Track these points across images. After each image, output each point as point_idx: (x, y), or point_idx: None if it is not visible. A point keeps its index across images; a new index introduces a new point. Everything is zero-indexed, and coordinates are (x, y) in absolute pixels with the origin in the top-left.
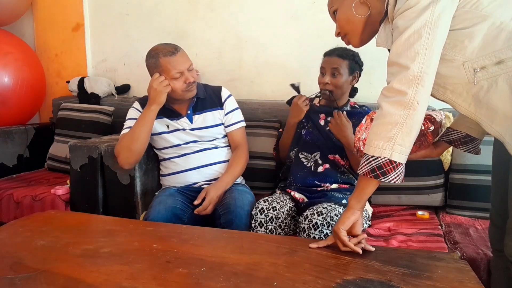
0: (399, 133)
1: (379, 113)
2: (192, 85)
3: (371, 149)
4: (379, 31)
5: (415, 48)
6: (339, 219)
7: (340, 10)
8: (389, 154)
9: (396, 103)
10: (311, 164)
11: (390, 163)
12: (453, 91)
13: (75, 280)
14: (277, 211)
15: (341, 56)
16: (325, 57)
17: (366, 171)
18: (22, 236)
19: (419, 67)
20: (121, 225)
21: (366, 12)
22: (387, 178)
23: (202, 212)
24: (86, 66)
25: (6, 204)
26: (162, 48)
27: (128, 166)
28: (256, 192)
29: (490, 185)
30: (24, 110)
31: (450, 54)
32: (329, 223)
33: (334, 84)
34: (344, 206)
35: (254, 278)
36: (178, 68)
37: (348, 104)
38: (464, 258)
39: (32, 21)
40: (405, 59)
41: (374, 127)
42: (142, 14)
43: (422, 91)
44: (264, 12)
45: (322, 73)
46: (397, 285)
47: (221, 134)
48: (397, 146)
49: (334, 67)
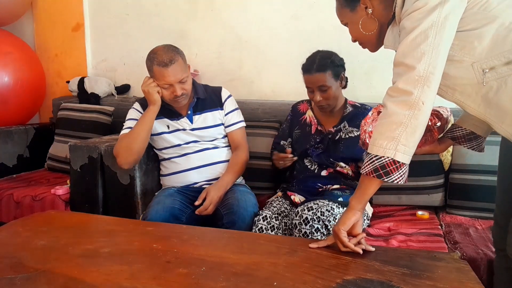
0: (403, 133)
1: (384, 113)
2: (180, 97)
3: (375, 148)
4: (386, 33)
5: (422, 49)
6: (340, 220)
7: (350, 26)
8: (392, 154)
9: (401, 103)
10: (315, 167)
11: (394, 163)
12: (462, 92)
13: (75, 280)
14: (279, 221)
15: (321, 69)
16: (306, 75)
17: (369, 171)
18: (22, 236)
19: (425, 67)
20: (121, 225)
21: (375, 27)
22: (390, 178)
23: (203, 212)
24: (86, 66)
25: (6, 204)
26: (160, 54)
27: (127, 166)
28: (256, 192)
29: (490, 185)
30: (24, 110)
31: (459, 55)
32: (319, 218)
33: (326, 99)
34: (339, 203)
35: (254, 278)
36: (167, 81)
37: (347, 104)
38: (464, 258)
39: (32, 21)
40: (411, 59)
41: (378, 126)
42: (142, 14)
43: (427, 91)
44: (264, 12)
45: (310, 91)
46: (397, 285)
47: (221, 134)
48: (401, 146)
49: (319, 85)
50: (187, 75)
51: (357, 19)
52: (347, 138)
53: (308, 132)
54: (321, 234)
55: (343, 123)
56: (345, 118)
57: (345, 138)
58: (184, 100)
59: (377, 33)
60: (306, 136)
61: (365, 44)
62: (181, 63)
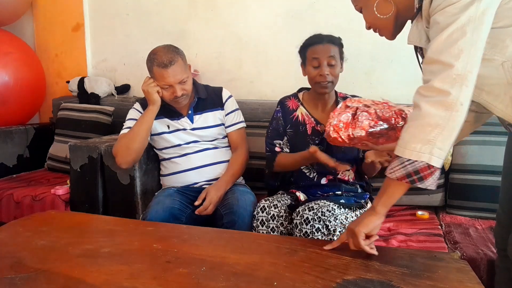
0: (439, 136)
1: (417, 114)
2: (180, 98)
3: (407, 152)
4: (411, 28)
5: (459, 45)
6: (362, 221)
7: (365, 10)
8: (427, 158)
9: (437, 103)
10: (314, 175)
11: (428, 168)
12: (489, 92)
13: (75, 280)
14: (278, 209)
15: (332, 42)
16: (314, 46)
17: (401, 176)
18: (22, 236)
19: (464, 65)
20: (121, 225)
21: (390, 10)
22: (424, 184)
23: (203, 212)
24: (86, 66)
25: (6, 204)
26: (160, 55)
27: (126, 165)
28: (256, 192)
29: (490, 185)
30: (24, 110)
31: (489, 54)
32: (320, 218)
33: (333, 75)
34: (341, 205)
35: (254, 278)
36: (167, 82)
37: (338, 98)
38: (464, 258)
39: (32, 21)
40: (448, 56)
41: (410, 128)
42: (142, 14)
43: (466, 91)
44: (264, 12)
45: (314, 66)
46: (397, 285)
47: (222, 135)
48: (437, 150)
49: (331, 56)
50: (188, 75)
51: (372, 1)
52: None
53: (303, 133)
54: (321, 234)
55: None
56: None
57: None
58: (184, 101)
59: (393, 17)
60: (302, 137)
61: (382, 31)
62: (181, 63)
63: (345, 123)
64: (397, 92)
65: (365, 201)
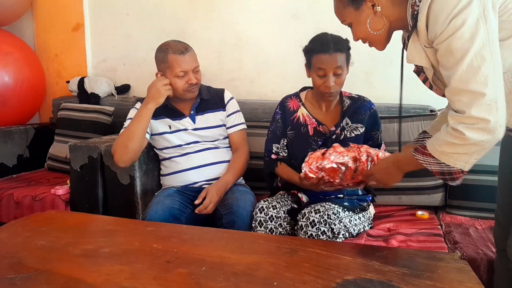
0: (478, 152)
1: (459, 137)
2: (193, 87)
3: (444, 157)
4: (408, 48)
5: (483, 72)
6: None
7: (356, 26)
8: (463, 165)
9: (481, 130)
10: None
11: (462, 172)
12: None
13: (75, 280)
14: (277, 210)
15: (339, 50)
16: (320, 55)
17: (436, 171)
18: (22, 236)
19: (494, 90)
20: (121, 225)
21: (383, 25)
22: (454, 182)
23: (202, 211)
24: (86, 66)
25: (6, 204)
26: (173, 45)
27: (123, 164)
28: (256, 193)
29: (490, 185)
30: (24, 110)
31: None
32: (326, 221)
33: (338, 85)
34: (345, 207)
35: (254, 278)
36: (184, 68)
37: (343, 97)
38: (464, 258)
39: (32, 21)
40: (476, 85)
41: (451, 145)
42: (142, 14)
43: (502, 112)
44: (264, 12)
45: (319, 75)
46: (397, 285)
47: (223, 135)
48: (473, 160)
49: (338, 66)
50: (199, 65)
51: (363, 18)
52: (353, 137)
53: (305, 134)
54: (326, 237)
55: (344, 119)
56: (345, 114)
57: (351, 136)
58: (196, 91)
59: (386, 31)
60: (304, 138)
61: (373, 43)
62: (194, 53)
63: (315, 158)
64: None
65: (368, 203)
